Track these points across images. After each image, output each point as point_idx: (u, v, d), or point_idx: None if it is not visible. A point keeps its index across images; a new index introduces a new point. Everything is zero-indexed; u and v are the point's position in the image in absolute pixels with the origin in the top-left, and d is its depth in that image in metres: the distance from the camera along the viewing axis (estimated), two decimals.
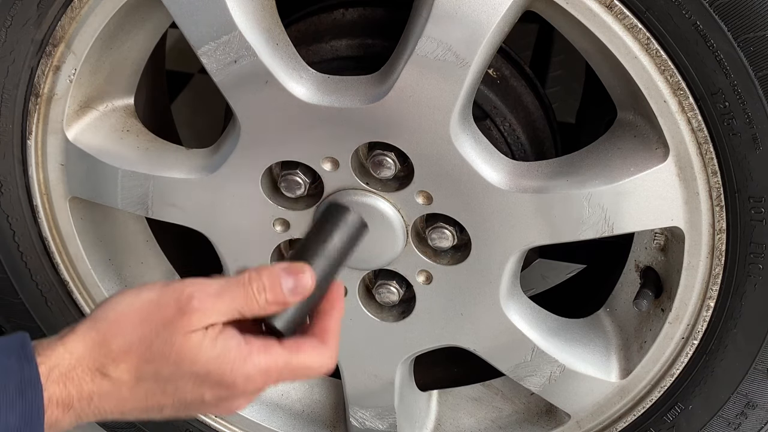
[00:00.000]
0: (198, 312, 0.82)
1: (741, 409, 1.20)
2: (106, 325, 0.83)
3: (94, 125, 1.24)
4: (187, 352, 0.82)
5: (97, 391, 0.82)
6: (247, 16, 1.06)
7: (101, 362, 0.82)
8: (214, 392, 0.84)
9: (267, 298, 0.85)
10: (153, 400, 0.84)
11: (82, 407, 0.82)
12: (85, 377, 0.81)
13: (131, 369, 0.82)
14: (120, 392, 0.83)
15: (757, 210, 1.04)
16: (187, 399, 0.84)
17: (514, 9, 0.99)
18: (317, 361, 0.87)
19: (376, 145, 1.10)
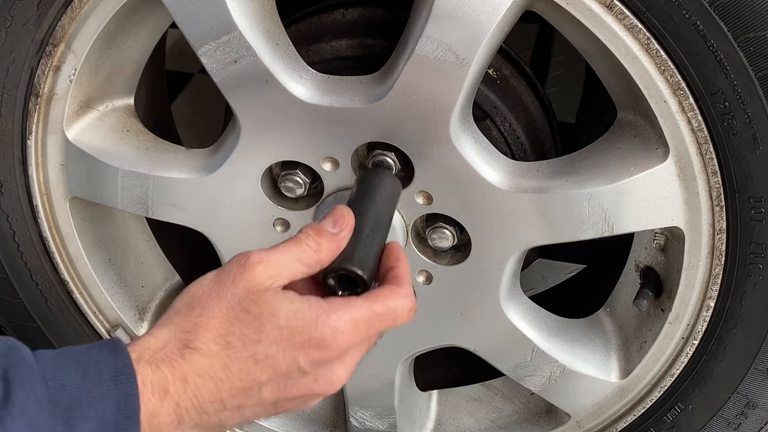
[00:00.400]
0: (260, 264, 0.84)
1: (741, 409, 1.20)
2: (182, 306, 0.84)
3: (94, 125, 1.24)
4: (264, 305, 0.83)
5: (190, 370, 0.81)
6: (247, 16, 1.06)
7: (186, 337, 0.82)
8: (306, 354, 0.83)
9: (315, 239, 0.88)
10: (248, 375, 0.83)
11: (178, 393, 0.80)
12: (174, 355, 0.81)
13: (217, 337, 0.82)
14: (213, 368, 0.81)
15: (757, 210, 1.04)
16: (283, 368, 0.83)
17: (514, 9, 0.99)
18: (399, 303, 0.88)
19: (376, 145, 1.10)
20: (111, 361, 0.78)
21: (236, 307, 0.83)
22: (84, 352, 0.78)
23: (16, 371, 0.74)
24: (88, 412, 0.75)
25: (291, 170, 1.15)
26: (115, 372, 0.77)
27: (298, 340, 0.83)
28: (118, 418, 0.76)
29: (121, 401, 0.76)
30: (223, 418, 0.83)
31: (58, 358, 0.77)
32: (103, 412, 0.76)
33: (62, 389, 0.75)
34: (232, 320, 0.82)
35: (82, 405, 0.75)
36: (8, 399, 0.72)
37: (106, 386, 0.76)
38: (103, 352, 0.79)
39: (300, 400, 0.87)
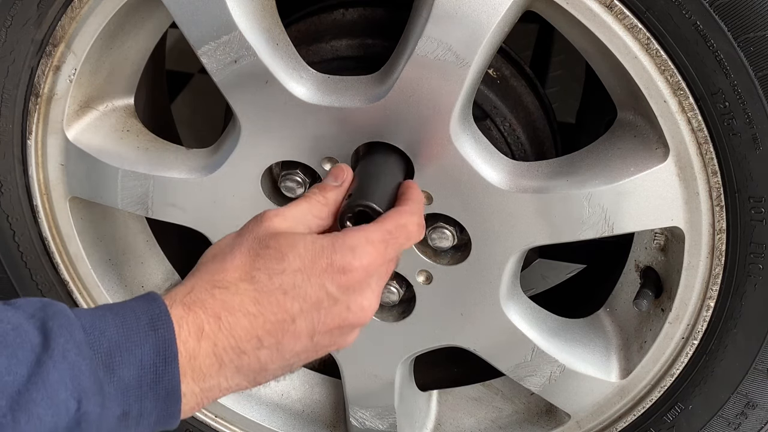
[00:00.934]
0: (276, 217, 0.91)
1: (741, 409, 1.20)
2: (207, 260, 0.89)
3: (94, 125, 1.24)
4: (283, 238, 0.87)
5: (221, 308, 0.83)
6: (247, 16, 1.06)
7: (213, 278, 0.85)
8: (332, 279, 0.86)
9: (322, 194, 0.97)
10: (279, 308, 0.85)
11: (214, 331, 0.82)
12: (205, 296, 0.83)
13: (243, 274, 0.85)
14: (244, 304, 0.84)
15: (757, 210, 1.04)
16: (312, 296, 0.86)
17: (514, 9, 0.99)
18: (407, 219, 0.94)
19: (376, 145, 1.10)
20: (147, 309, 0.80)
21: (256, 246, 0.87)
22: (120, 304, 0.81)
23: (54, 321, 0.75)
24: (128, 357, 0.77)
25: (291, 170, 1.15)
26: (151, 318, 0.79)
27: (321, 264, 0.86)
28: (157, 363, 0.78)
29: (160, 346, 0.78)
30: (263, 360, 0.85)
31: (94, 310, 0.80)
32: (142, 357, 0.78)
33: (101, 336, 0.77)
34: (254, 257, 0.86)
35: (121, 350, 0.77)
36: (48, 345, 0.74)
37: (143, 332, 0.78)
38: (139, 302, 0.81)
39: (337, 333, 0.89)
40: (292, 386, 1.50)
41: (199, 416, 1.47)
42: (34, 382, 0.72)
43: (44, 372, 0.72)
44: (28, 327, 0.74)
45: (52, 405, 0.72)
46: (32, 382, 0.72)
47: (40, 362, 0.73)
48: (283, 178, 1.16)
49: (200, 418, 1.47)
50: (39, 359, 0.73)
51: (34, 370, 0.72)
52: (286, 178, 1.15)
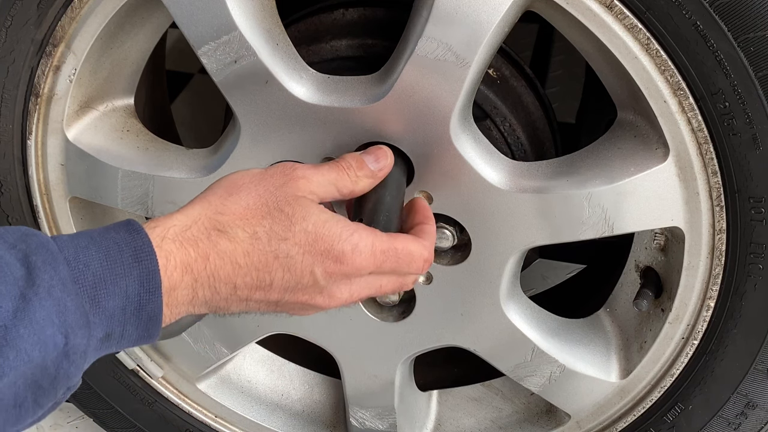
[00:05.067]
0: (302, 179, 0.90)
1: (741, 409, 1.20)
2: (220, 191, 0.88)
3: (94, 125, 1.24)
4: (298, 207, 0.87)
5: (213, 250, 0.84)
6: (247, 16, 1.06)
7: (218, 220, 0.85)
8: (323, 264, 0.87)
9: (355, 171, 0.96)
10: (265, 268, 0.86)
11: (198, 269, 0.83)
12: (201, 236, 0.84)
13: (247, 226, 0.85)
14: (235, 254, 0.85)
15: (757, 210, 1.04)
16: (297, 271, 0.87)
17: (514, 9, 0.99)
18: (418, 249, 0.93)
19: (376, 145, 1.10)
20: (130, 241, 0.80)
21: (271, 204, 0.87)
22: (101, 234, 0.81)
23: (37, 255, 0.76)
24: (113, 289, 0.78)
25: None
26: (135, 250, 0.80)
27: (320, 247, 0.87)
28: (141, 293, 0.79)
29: (144, 277, 0.79)
30: (230, 303, 0.87)
31: (77, 240, 0.79)
32: (126, 288, 0.79)
33: (86, 269, 0.77)
34: (265, 214, 0.86)
35: (106, 283, 0.78)
36: (33, 282, 0.74)
37: (127, 264, 0.79)
38: (120, 232, 0.81)
39: (299, 306, 0.91)
40: (292, 386, 1.50)
41: (199, 416, 1.47)
42: (21, 319, 0.72)
43: (30, 309, 0.73)
44: (10, 258, 0.75)
45: (39, 341, 0.73)
46: (18, 318, 0.72)
47: (25, 298, 0.73)
48: None
49: (200, 418, 1.47)
50: (24, 294, 0.73)
51: (19, 305, 0.73)
52: None
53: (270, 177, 0.90)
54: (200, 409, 1.47)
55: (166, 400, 1.46)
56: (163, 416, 1.48)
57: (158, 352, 1.42)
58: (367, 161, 0.98)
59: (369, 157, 0.99)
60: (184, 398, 1.46)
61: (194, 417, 1.47)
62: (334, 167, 0.95)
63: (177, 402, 1.46)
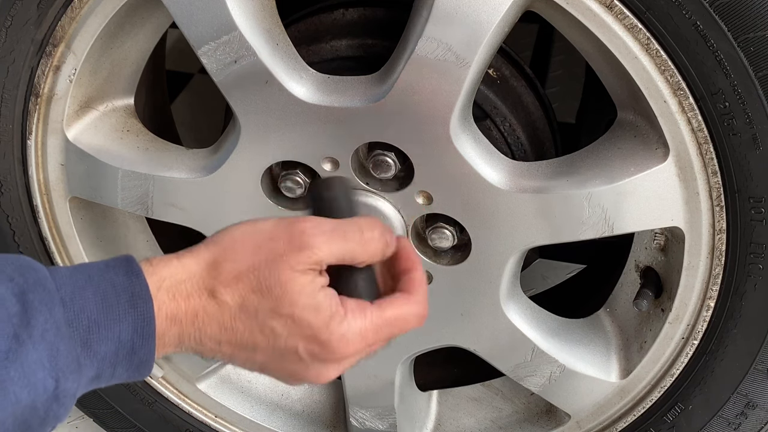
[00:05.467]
0: (308, 249, 0.84)
1: (741, 409, 1.20)
2: (220, 249, 0.86)
3: (94, 125, 1.24)
4: (289, 291, 0.84)
5: (202, 309, 0.83)
6: (247, 16, 1.06)
7: (211, 283, 0.84)
8: (308, 346, 0.85)
9: (376, 247, 0.88)
10: (249, 338, 0.85)
11: (186, 323, 0.83)
12: (193, 293, 0.83)
13: (237, 296, 0.84)
14: (223, 317, 0.84)
15: (757, 210, 1.04)
16: (281, 347, 0.85)
17: (515, 9, 0.99)
18: (411, 310, 0.89)
19: (376, 145, 1.10)
20: (128, 285, 0.80)
21: (262, 279, 0.84)
22: (100, 273, 0.80)
23: (34, 294, 0.75)
24: (106, 334, 0.78)
25: (291, 170, 1.15)
26: (132, 296, 0.79)
27: (306, 332, 0.85)
28: (134, 339, 0.79)
29: (138, 323, 0.79)
30: (215, 355, 0.87)
31: (75, 278, 0.79)
32: (120, 334, 0.79)
33: (81, 312, 0.77)
34: (255, 288, 0.84)
35: (100, 327, 0.78)
36: (28, 322, 0.74)
37: (123, 309, 0.79)
38: (119, 275, 0.81)
39: (285, 376, 0.89)
40: (292, 386, 1.49)
41: (199, 416, 1.47)
42: (12, 360, 0.72)
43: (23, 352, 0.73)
44: (6, 293, 0.74)
45: (29, 384, 0.73)
46: (10, 360, 0.72)
47: (18, 339, 0.73)
48: (283, 178, 1.16)
49: (200, 418, 1.47)
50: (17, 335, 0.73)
51: (11, 346, 0.73)
52: (286, 178, 1.15)
53: (272, 241, 0.85)
54: (200, 409, 1.47)
55: (166, 400, 1.46)
56: (163, 416, 1.48)
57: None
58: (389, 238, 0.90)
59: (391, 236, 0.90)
60: (184, 398, 1.46)
61: (194, 417, 1.47)
62: (355, 237, 0.86)
63: (177, 402, 1.46)
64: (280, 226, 0.86)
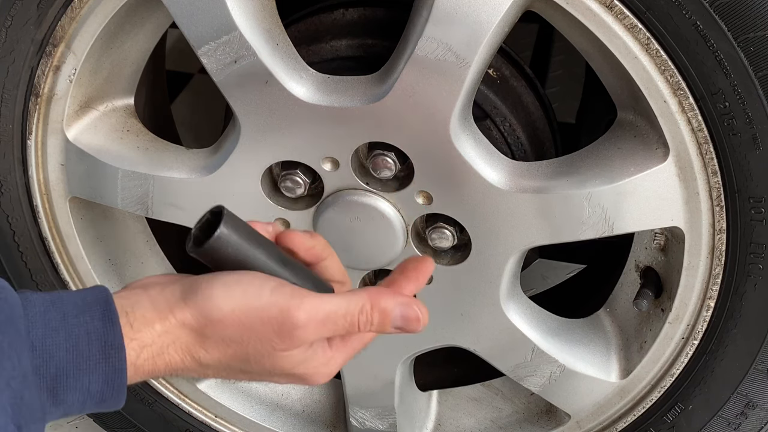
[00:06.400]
0: (299, 341, 0.83)
1: (741, 409, 1.20)
2: (207, 323, 0.82)
3: (94, 125, 1.24)
4: (279, 365, 0.84)
5: (182, 368, 0.83)
6: (247, 16, 1.06)
7: (195, 349, 0.82)
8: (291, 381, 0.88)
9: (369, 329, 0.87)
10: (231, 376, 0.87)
11: (162, 373, 0.83)
12: (176, 356, 0.82)
13: (221, 360, 0.84)
14: (205, 372, 0.85)
15: (757, 210, 1.04)
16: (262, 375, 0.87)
17: (515, 9, 0.99)
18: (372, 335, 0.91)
19: (376, 145, 1.10)
20: (102, 334, 0.77)
21: (254, 357, 0.84)
22: (75, 314, 0.77)
23: (4, 335, 0.73)
24: (75, 384, 0.76)
25: (291, 170, 1.15)
26: (104, 345, 0.77)
27: (292, 376, 0.87)
28: (104, 390, 0.77)
29: (109, 375, 0.77)
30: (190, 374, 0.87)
31: (48, 316, 0.76)
32: (89, 385, 0.77)
33: (50, 360, 0.75)
34: (243, 360, 0.84)
35: (68, 377, 0.76)
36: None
37: (94, 360, 0.77)
38: (95, 318, 0.78)
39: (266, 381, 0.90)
40: (292, 386, 1.49)
41: (199, 416, 1.47)
42: None
43: None
44: None
45: None
46: None
47: None
48: (283, 178, 1.16)
49: (200, 418, 1.47)
50: None
51: None
52: (286, 178, 1.15)
53: (263, 326, 0.82)
54: (200, 409, 1.47)
55: (166, 400, 1.46)
56: (163, 416, 1.48)
57: None
58: (393, 321, 0.87)
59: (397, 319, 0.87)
60: (184, 398, 1.46)
61: (194, 417, 1.47)
62: (348, 322, 0.85)
63: (177, 402, 1.46)
64: (273, 310, 0.82)
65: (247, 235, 0.84)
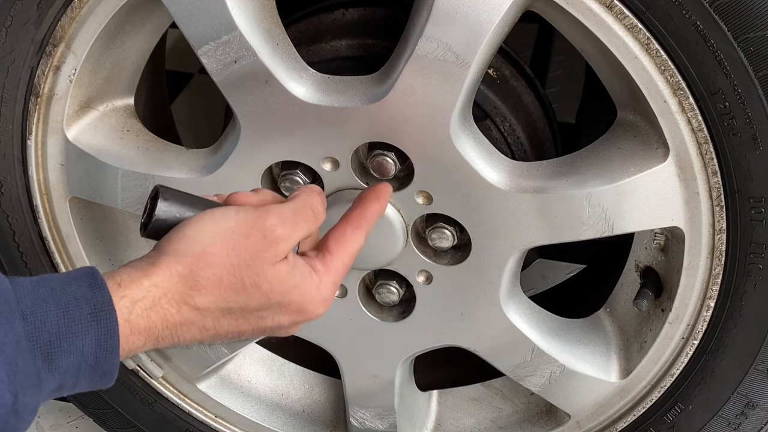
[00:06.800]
0: (283, 240, 0.87)
1: (741, 409, 1.20)
2: (192, 260, 0.83)
3: (94, 125, 1.24)
4: (277, 283, 0.86)
5: (181, 322, 0.83)
6: (247, 16, 1.06)
7: (189, 294, 0.83)
8: (293, 318, 0.89)
9: (322, 218, 0.95)
10: (234, 328, 0.86)
11: (163, 336, 0.82)
12: (170, 309, 0.82)
13: (219, 300, 0.84)
14: (204, 322, 0.84)
15: (757, 210, 1.04)
16: (267, 326, 0.88)
17: (515, 9, 0.99)
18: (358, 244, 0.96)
19: (376, 145, 1.10)
20: (90, 297, 0.78)
21: (247, 280, 0.84)
22: (62, 285, 0.78)
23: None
24: (68, 347, 0.76)
25: (291, 170, 1.15)
26: (94, 308, 0.77)
27: (292, 309, 0.88)
28: (98, 353, 0.78)
29: (102, 336, 0.77)
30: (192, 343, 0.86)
31: (36, 291, 0.77)
32: (83, 347, 0.77)
33: (41, 326, 0.75)
34: (239, 289, 0.84)
35: (62, 341, 0.76)
36: None
37: (85, 322, 0.77)
38: (82, 287, 0.79)
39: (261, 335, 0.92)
40: (292, 386, 1.50)
41: (199, 416, 1.47)
42: None
43: None
44: None
45: None
46: None
47: None
48: (283, 178, 1.16)
49: (200, 418, 1.47)
50: None
51: None
52: (286, 178, 1.15)
53: (247, 240, 0.85)
54: (200, 409, 1.47)
55: (166, 400, 1.46)
56: (163, 416, 1.48)
57: (158, 352, 1.42)
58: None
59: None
60: (184, 398, 1.46)
61: (194, 417, 1.47)
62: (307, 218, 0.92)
63: (177, 402, 1.46)
64: (247, 223, 0.86)
65: (189, 203, 0.89)
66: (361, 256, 1.17)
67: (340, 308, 1.26)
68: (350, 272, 1.22)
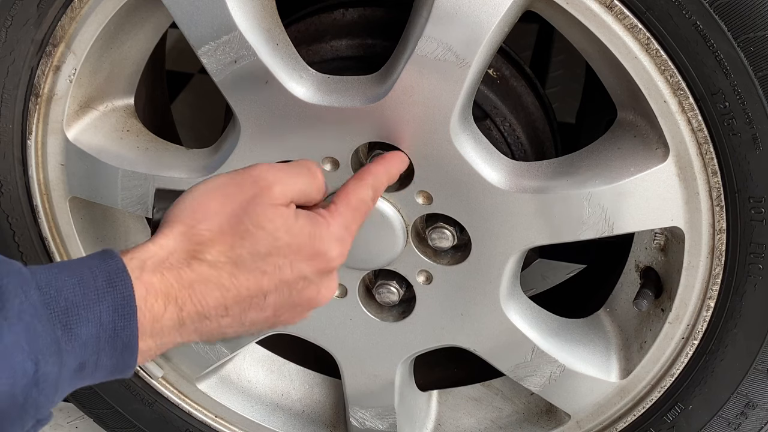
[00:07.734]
0: (277, 184, 0.86)
1: (741, 409, 1.20)
2: (189, 213, 0.84)
3: (94, 125, 1.24)
4: (280, 222, 0.85)
5: (196, 278, 0.81)
6: (247, 16, 1.06)
7: (194, 248, 0.82)
8: (313, 263, 0.87)
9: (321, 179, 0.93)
10: (255, 285, 0.84)
11: (183, 299, 0.81)
12: (181, 265, 0.81)
13: (226, 249, 0.83)
14: (221, 277, 0.82)
15: (757, 210, 1.04)
16: (289, 278, 0.86)
17: (515, 9, 0.99)
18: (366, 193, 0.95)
19: (376, 145, 1.10)
20: (103, 266, 0.78)
21: (248, 222, 0.84)
22: (75, 262, 0.79)
23: (9, 279, 0.73)
24: (86, 315, 0.76)
25: None
26: (108, 275, 0.77)
27: (307, 252, 0.86)
28: (116, 320, 0.77)
29: (118, 302, 0.77)
30: (223, 325, 0.84)
31: (50, 268, 0.77)
32: (100, 315, 0.76)
33: (58, 295, 0.75)
34: (244, 234, 0.83)
35: (79, 308, 0.75)
36: (3, 306, 0.72)
37: (101, 289, 0.77)
38: (95, 259, 0.79)
39: (299, 310, 0.89)
40: (292, 386, 1.50)
41: (199, 416, 1.47)
42: None
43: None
44: None
45: (7, 368, 0.71)
46: None
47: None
48: None
49: (200, 418, 1.47)
50: None
51: None
52: None
53: (241, 188, 0.86)
54: (200, 409, 1.47)
55: (166, 400, 1.46)
56: (163, 416, 1.48)
57: None
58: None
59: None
60: (184, 398, 1.46)
61: (194, 417, 1.47)
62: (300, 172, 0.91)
63: (177, 402, 1.46)
64: (238, 176, 0.87)
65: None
66: (361, 256, 1.17)
67: (340, 308, 1.26)
68: (350, 272, 1.22)
